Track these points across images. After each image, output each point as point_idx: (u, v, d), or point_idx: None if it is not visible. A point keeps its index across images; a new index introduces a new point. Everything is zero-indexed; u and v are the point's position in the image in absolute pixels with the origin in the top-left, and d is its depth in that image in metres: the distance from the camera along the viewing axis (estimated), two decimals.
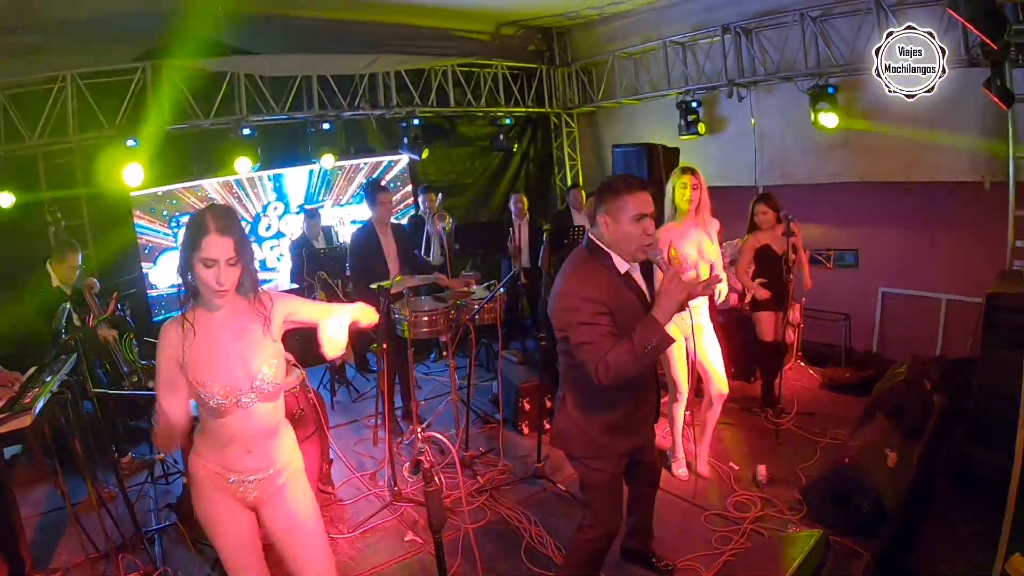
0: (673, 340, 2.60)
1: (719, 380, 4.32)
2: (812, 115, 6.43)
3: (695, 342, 3.73)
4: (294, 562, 2.53)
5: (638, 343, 2.50)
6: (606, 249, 2.76)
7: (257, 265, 2.92)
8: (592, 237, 2.81)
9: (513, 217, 7.43)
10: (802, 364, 6.49)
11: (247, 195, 7.48)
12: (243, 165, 6.81)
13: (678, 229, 4.24)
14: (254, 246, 7.25)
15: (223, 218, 2.26)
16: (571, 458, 3.03)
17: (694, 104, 7.66)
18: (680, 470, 4.62)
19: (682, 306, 2.56)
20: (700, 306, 4.26)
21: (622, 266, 2.76)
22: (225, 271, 2.23)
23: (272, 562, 2.62)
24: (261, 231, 7.68)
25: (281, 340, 2.47)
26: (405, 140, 7.98)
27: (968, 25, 4.67)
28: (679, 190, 4.23)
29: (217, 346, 2.31)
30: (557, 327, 2.76)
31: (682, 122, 7.72)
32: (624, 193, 2.67)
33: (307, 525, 2.55)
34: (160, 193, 6.85)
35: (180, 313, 2.35)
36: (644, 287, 2.84)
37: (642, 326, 2.53)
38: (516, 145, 9.21)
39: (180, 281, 2.34)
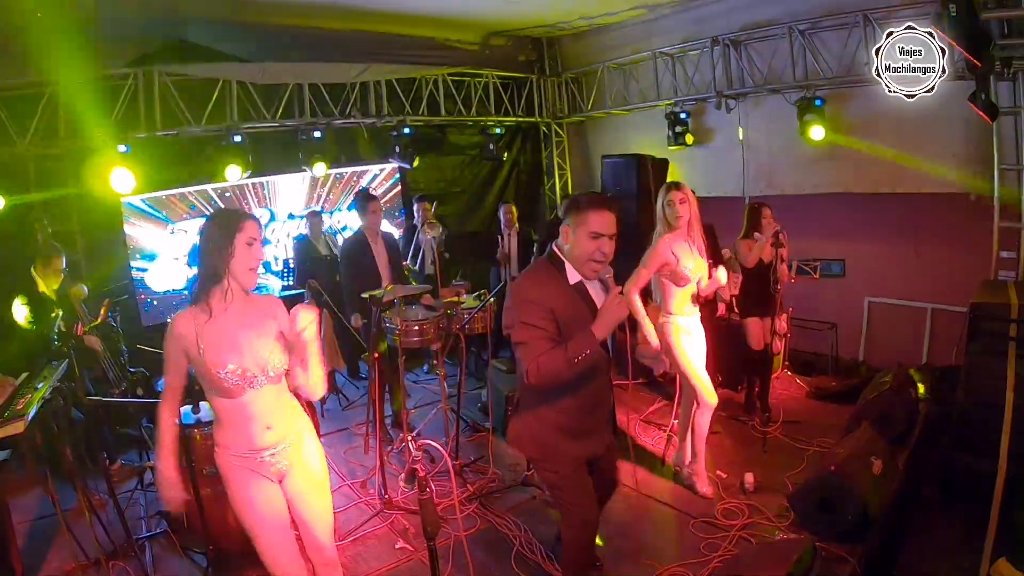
0: (604, 354, 2.62)
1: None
2: (799, 126, 6.50)
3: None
4: (304, 513, 2.74)
5: (572, 352, 2.57)
6: (562, 259, 2.81)
7: None
8: (554, 246, 2.86)
9: (502, 227, 7.45)
10: (789, 373, 6.55)
11: (240, 203, 7.44)
12: (233, 172, 6.78)
13: (676, 240, 4.20)
14: None
15: (246, 212, 2.73)
16: (529, 459, 3.07)
17: (683, 115, 7.73)
18: (704, 488, 4.45)
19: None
20: (695, 313, 4.31)
21: (573, 277, 2.79)
22: (261, 248, 2.58)
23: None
24: None
25: None
26: (396, 149, 7.98)
27: (952, 43, 4.74)
28: (668, 207, 4.19)
29: (232, 331, 2.54)
30: (505, 324, 2.83)
31: (670, 132, 7.80)
32: (587, 209, 2.71)
33: (317, 478, 2.78)
34: (151, 198, 6.83)
35: (188, 306, 2.56)
36: (598, 300, 2.81)
37: (579, 337, 2.59)
38: (506, 154, 9.22)
39: (202, 275, 2.55)
